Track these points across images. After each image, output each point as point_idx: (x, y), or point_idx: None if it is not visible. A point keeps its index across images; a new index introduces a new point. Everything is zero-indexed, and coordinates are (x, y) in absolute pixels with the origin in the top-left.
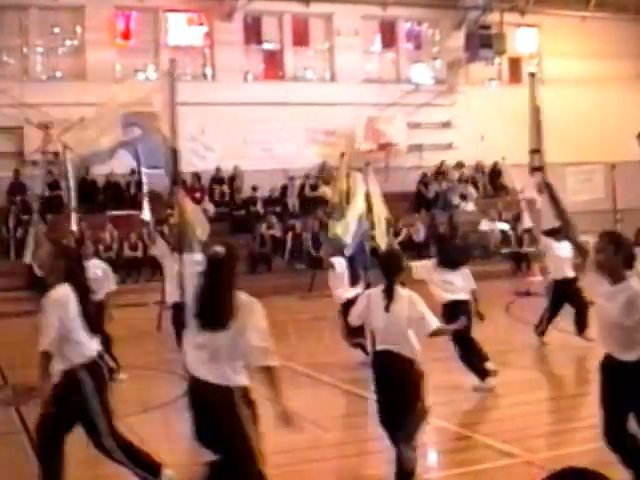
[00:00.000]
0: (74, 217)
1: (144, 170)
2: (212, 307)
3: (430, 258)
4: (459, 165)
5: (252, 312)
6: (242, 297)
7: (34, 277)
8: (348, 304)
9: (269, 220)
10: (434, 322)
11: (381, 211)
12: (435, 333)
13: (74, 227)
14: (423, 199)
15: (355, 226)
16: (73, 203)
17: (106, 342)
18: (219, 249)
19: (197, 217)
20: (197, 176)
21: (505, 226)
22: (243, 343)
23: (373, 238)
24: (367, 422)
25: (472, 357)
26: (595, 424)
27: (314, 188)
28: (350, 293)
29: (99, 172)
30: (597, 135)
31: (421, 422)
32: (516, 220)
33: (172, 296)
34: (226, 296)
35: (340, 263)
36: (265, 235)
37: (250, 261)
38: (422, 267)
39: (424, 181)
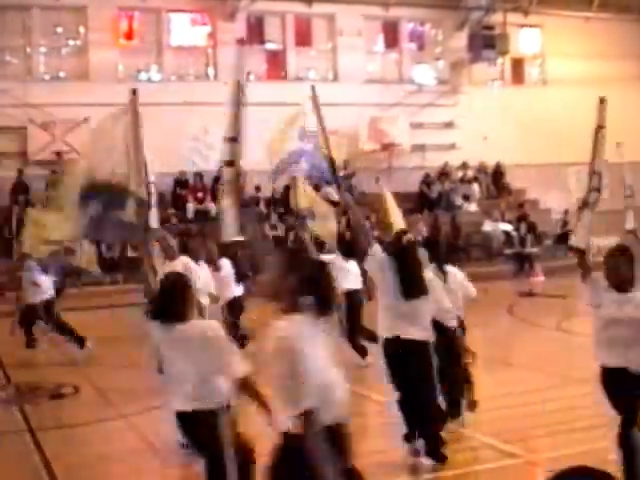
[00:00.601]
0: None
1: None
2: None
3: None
4: (463, 166)
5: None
6: None
7: None
8: (233, 303)
9: (272, 220)
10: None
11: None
12: None
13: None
14: (426, 199)
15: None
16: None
17: None
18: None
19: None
20: (200, 176)
21: (508, 227)
22: None
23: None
24: (369, 422)
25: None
26: (597, 424)
27: (317, 188)
28: (236, 292)
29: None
30: None
31: None
32: (519, 221)
33: None
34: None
35: (226, 264)
36: (268, 235)
37: (250, 263)
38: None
39: (427, 181)
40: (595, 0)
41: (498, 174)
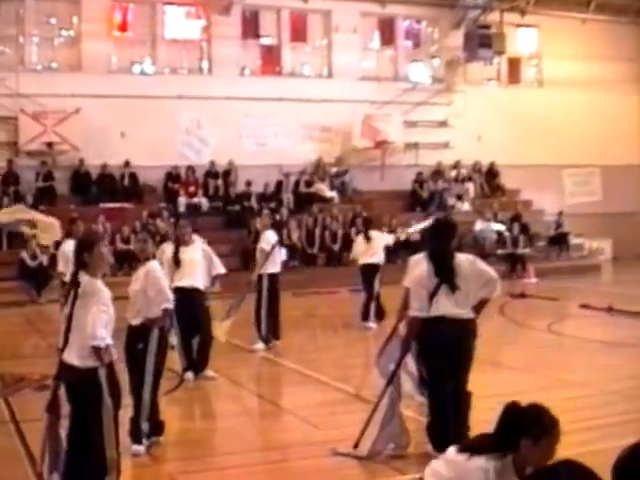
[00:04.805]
0: None
1: None
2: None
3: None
4: (457, 165)
5: None
6: None
7: (25, 268)
8: None
9: (262, 215)
10: None
11: None
12: None
13: None
14: (418, 198)
15: None
16: None
17: None
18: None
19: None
20: (192, 169)
21: (501, 227)
22: None
23: None
24: (358, 420)
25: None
26: (587, 427)
27: (309, 184)
28: None
29: (93, 164)
30: (595, 138)
31: None
32: (512, 221)
33: None
34: None
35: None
36: (257, 229)
37: (244, 256)
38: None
39: (420, 180)
40: (592, 2)
41: (492, 174)
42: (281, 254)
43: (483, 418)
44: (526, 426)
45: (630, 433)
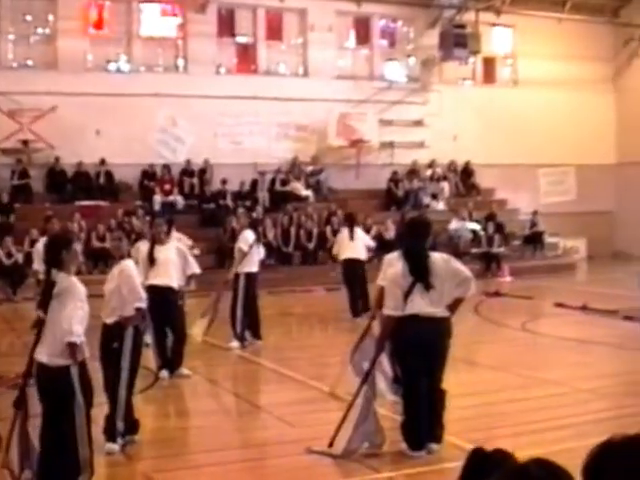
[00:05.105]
0: None
1: None
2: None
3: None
4: (432, 164)
5: None
6: None
7: (0, 266)
8: None
9: (238, 214)
10: None
11: None
12: None
13: None
14: (394, 197)
15: None
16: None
17: None
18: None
19: None
20: (167, 168)
21: (475, 226)
22: None
23: None
24: (333, 418)
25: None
26: (560, 425)
27: (284, 183)
28: None
29: (68, 162)
30: (570, 137)
31: None
32: (487, 220)
33: None
34: None
35: None
36: (235, 229)
37: (219, 255)
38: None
39: (395, 179)
40: (568, 1)
41: (467, 173)
42: (259, 253)
43: (458, 417)
44: (490, 471)
45: (603, 431)
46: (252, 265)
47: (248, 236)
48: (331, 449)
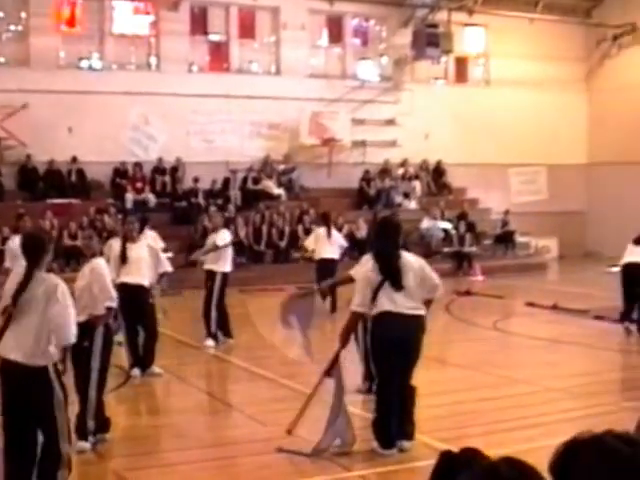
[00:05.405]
0: None
1: None
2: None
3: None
4: (404, 163)
5: None
6: None
7: None
8: None
9: (211, 213)
10: None
11: None
12: None
13: None
14: (365, 196)
15: None
16: None
17: None
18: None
19: None
20: (139, 166)
21: (447, 225)
22: None
23: None
24: (305, 417)
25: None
26: (531, 424)
27: (256, 181)
28: None
29: (40, 159)
30: (542, 137)
31: None
32: (458, 219)
33: None
34: None
35: None
36: (207, 227)
37: (191, 253)
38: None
39: (367, 178)
40: (540, 1)
41: (439, 172)
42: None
43: (429, 415)
44: (460, 470)
45: (574, 430)
46: (228, 265)
47: (226, 236)
48: (302, 449)
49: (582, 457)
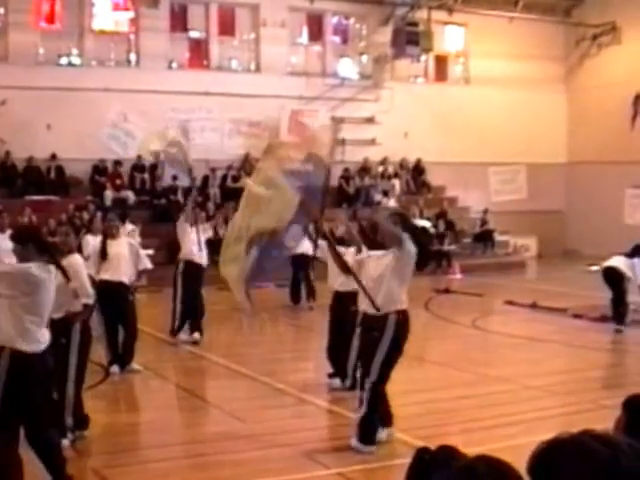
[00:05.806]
0: None
1: None
2: None
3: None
4: (384, 162)
5: None
6: None
7: None
8: None
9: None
10: None
11: None
12: None
13: None
14: (345, 194)
15: None
16: None
17: None
18: None
19: None
20: (118, 163)
21: (426, 223)
22: None
23: None
24: (284, 414)
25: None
26: (509, 422)
27: (236, 179)
28: None
29: (19, 156)
30: (521, 136)
31: None
32: (438, 218)
33: None
34: None
35: None
36: None
37: (169, 250)
38: None
39: (346, 176)
40: (520, 1)
41: (418, 171)
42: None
43: (407, 413)
44: (436, 469)
45: (552, 428)
46: (189, 254)
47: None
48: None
49: (561, 459)
